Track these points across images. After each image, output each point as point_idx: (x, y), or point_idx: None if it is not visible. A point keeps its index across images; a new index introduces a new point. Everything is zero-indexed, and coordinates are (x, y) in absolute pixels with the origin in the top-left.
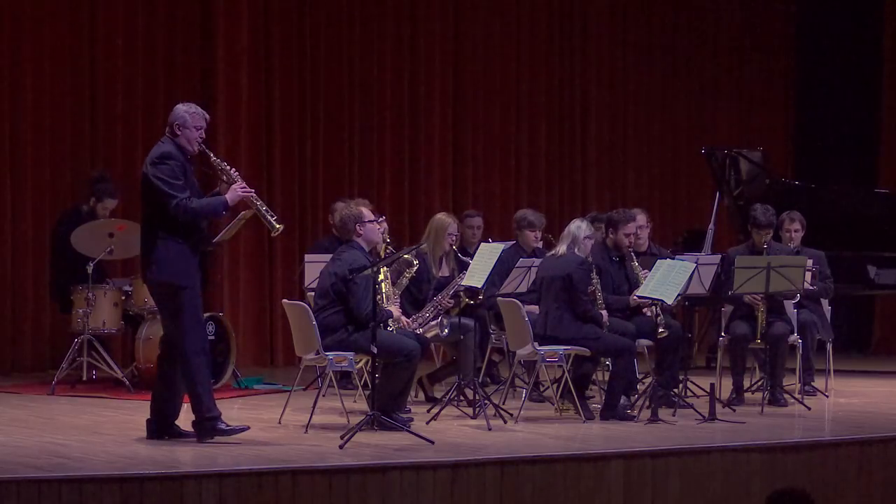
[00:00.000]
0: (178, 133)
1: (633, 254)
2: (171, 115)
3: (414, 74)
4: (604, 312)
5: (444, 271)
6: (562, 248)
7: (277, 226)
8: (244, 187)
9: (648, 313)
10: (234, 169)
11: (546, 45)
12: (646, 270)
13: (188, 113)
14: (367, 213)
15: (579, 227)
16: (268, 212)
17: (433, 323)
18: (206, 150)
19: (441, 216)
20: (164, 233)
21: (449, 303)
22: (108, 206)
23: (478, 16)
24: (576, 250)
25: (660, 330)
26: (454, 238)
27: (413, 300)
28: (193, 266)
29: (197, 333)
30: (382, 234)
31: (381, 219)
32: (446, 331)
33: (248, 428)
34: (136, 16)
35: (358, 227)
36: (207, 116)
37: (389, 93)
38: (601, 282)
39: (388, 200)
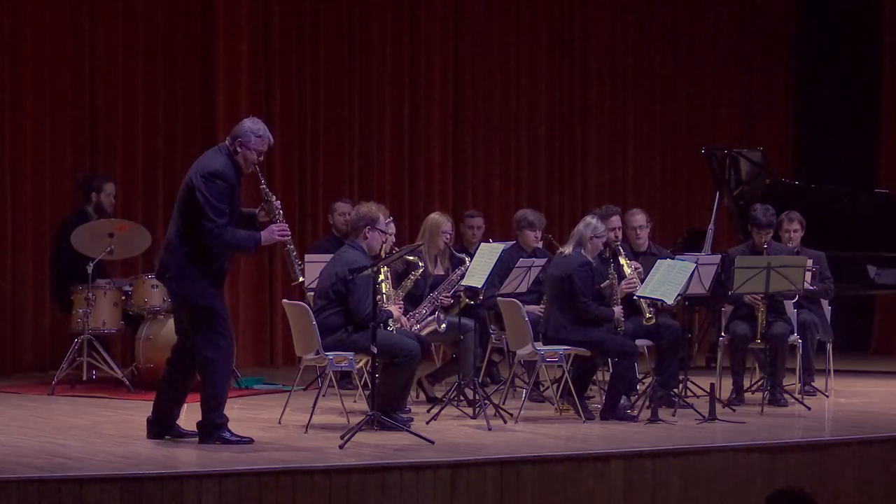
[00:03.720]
0: (238, 150)
1: (619, 248)
2: (236, 127)
3: (414, 74)
4: (616, 309)
5: (439, 269)
6: (568, 248)
7: (300, 278)
8: (283, 231)
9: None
10: (279, 202)
11: (546, 45)
12: (633, 262)
13: (254, 133)
14: (382, 221)
15: (588, 224)
16: (296, 259)
17: (430, 318)
18: (259, 175)
19: (435, 215)
20: (201, 252)
21: (446, 299)
22: (109, 191)
23: (478, 16)
24: (581, 250)
25: (647, 315)
26: (448, 236)
27: (410, 298)
28: (222, 284)
29: (229, 346)
30: (384, 242)
31: (389, 233)
32: (444, 325)
33: (252, 441)
34: (136, 20)
35: (367, 230)
36: (272, 140)
37: (389, 93)
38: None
39: (388, 200)
